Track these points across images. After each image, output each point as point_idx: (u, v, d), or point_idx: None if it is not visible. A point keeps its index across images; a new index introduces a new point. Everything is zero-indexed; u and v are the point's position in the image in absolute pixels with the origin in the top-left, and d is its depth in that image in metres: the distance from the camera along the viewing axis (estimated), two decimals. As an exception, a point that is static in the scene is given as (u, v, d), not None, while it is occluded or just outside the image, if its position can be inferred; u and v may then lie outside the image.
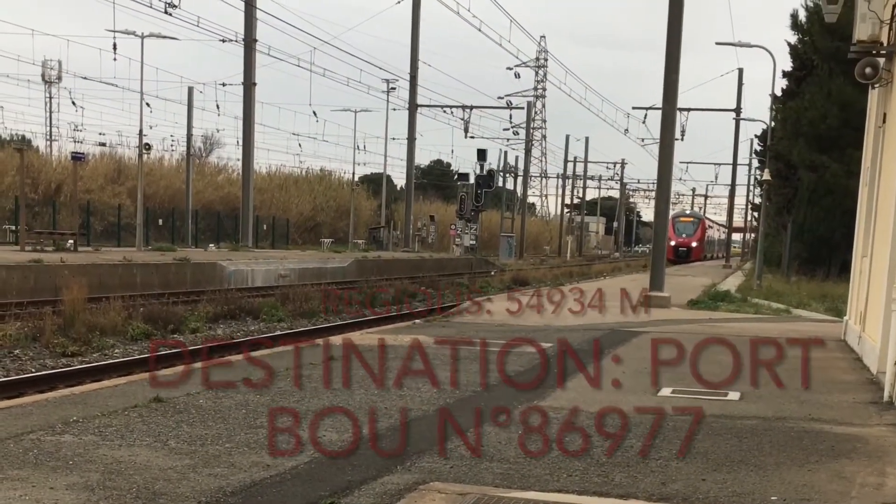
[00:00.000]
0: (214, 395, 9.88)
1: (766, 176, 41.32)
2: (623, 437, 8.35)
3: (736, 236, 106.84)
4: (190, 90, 60.80)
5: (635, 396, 10.61)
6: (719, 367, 13.32)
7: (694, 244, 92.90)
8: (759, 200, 52.08)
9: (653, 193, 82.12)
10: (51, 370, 15.84)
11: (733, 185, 76.47)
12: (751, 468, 7.37)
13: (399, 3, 59.92)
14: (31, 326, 18.90)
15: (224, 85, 56.43)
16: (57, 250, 33.83)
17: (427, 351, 14.25)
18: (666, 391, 11.02)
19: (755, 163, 79.29)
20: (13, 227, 44.55)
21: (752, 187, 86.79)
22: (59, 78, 74.48)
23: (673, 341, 16.58)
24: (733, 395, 10.83)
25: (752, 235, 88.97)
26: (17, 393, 12.90)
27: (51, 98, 78.28)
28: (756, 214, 69.98)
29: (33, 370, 15.97)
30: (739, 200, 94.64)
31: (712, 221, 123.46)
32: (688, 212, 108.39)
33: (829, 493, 6.75)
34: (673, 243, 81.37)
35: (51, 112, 78.79)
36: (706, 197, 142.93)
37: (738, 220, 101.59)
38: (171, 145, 75.71)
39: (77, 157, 42.46)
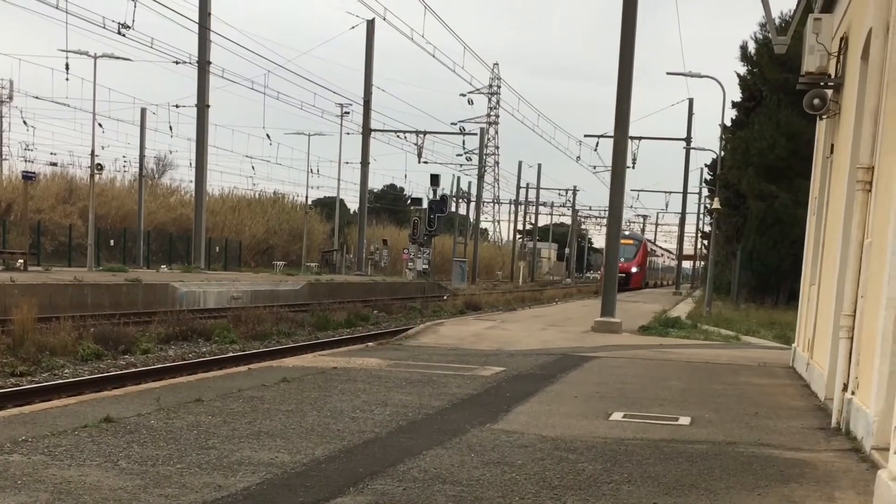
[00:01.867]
0: (165, 416, 9.82)
1: (716, 204, 41.79)
2: (575, 461, 8.39)
3: (686, 264, 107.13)
4: (143, 111, 60.56)
5: (587, 421, 10.66)
6: (670, 392, 13.44)
7: (634, 269, 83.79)
8: (709, 228, 52.60)
9: (604, 220, 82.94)
10: (-1, 390, 15.66)
11: (683, 213, 77.13)
12: (701, 492, 7.43)
13: (353, 28, 60.30)
14: (-22, 346, 18.67)
15: (177, 106, 56.33)
16: (6, 270, 33.51)
17: (380, 374, 14.25)
18: (617, 415, 11.08)
19: (705, 191, 79.99)
20: (-39, 246, 44.04)
21: (702, 215, 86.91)
22: (11, 97, 73.69)
23: (624, 367, 16.73)
24: (684, 420, 10.92)
25: (702, 263, 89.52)
26: (-35, 413, 12.72)
27: (1, 117, 77.46)
28: (706, 242, 70.62)
29: (-20, 390, 15.77)
30: (690, 228, 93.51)
31: (656, 245, 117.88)
32: (626, 233, 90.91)
33: (777, 517, 6.82)
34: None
35: (1, 131, 77.95)
36: (657, 225, 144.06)
37: (688, 248, 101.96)
38: (124, 166, 75.21)
39: (28, 177, 42.10)
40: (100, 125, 48.62)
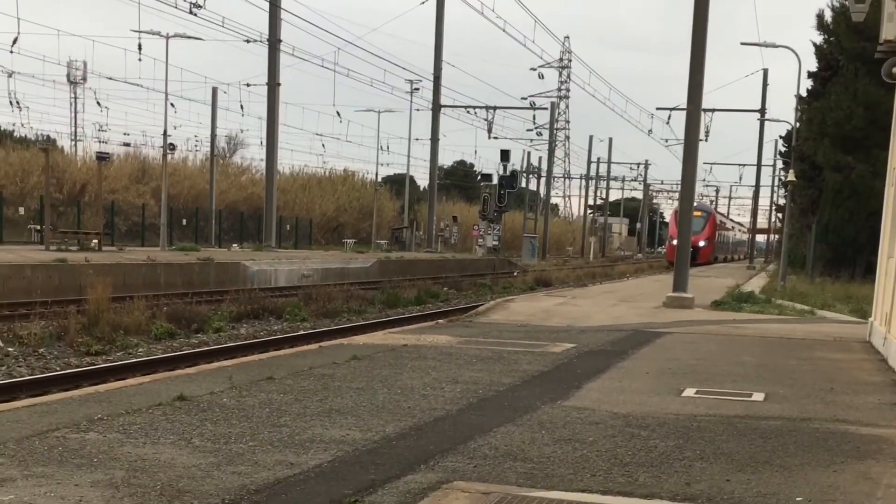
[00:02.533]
0: (238, 394, 9.90)
1: (791, 177, 41.13)
2: (647, 438, 8.32)
3: (760, 237, 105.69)
4: (214, 90, 61.07)
5: (659, 397, 10.57)
6: (743, 367, 13.28)
7: (701, 243, 74.74)
8: (784, 201, 51.89)
9: (676, 194, 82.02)
10: (75, 369, 15.90)
11: (757, 187, 76.33)
12: (775, 469, 7.33)
13: (423, 3, 59.93)
14: (55, 325, 18.98)
15: (248, 85, 56.56)
16: (81, 250, 34.01)
17: (450, 351, 14.25)
18: (690, 392, 10.97)
19: (780, 164, 79.03)
20: (38, 227, 44.79)
21: (776, 188, 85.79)
22: (85, 78, 74.90)
23: (696, 342, 16.57)
24: (758, 396, 10.78)
25: (776, 236, 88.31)
26: (42, 391, 12.94)
27: (76, 98, 78.77)
28: (780, 215, 69.68)
29: (58, 369, 16.04)
30: (764, 202, 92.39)
31: (726, 218, 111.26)
32: (695, 204, 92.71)
33: (854, 495, 6.70)
34: (675, 242, 72.66)
35: (76, 112, 79.28)
36: (730, 198, 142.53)
37: (762, 222, 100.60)
38: (196, 145, 76.04)
39: (102, 158, 42.66)
40: (172, 105, 49.17)
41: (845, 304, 28.60)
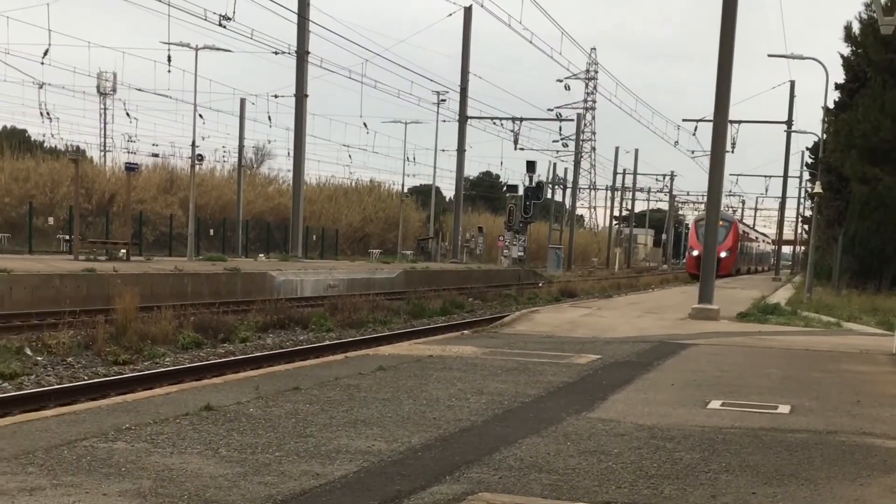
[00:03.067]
0: (264, 404, 9.96)
1: (818, 188, 40.98)
2: (672, 450, 8.31)
3: (786, 249, 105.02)
4: (242, 102, 61.34)
5: (684, 409, 10.56)
6: (769, 380, 13.25)
7: (723, 254, 69.62)
8: (810, 213, 51.66)
9: (702, 205, 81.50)
10: (103, 378, 16.03)
11: (784, 198, 75.89)
12: (801, 482, 7.32)
13: (451, 15, 60.18)
14: (83, 335, 19.11)
15: (276, 97, 56.80)
16: (110, 259, 34.23)
17: (476, 362, 14.28)
18: (715, 404, 10.96)
19: (806, 175, 78.66)
20: (67, 237, 45.10)
21: (802, 200, 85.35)
22: (114, 90, 75.36)
23: (722, 354, 16.54)
24: (783, 409, 10.76)
25: (802, 248, 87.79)
26: (71, 400, 13.05)
27: (105, 109, 79.27)
28: (806, 227, 69.37)
29: (86, 378, 16.17)
30: (790, 213, 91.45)
31: (750, 228, 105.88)
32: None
33: (881, 508, 6.68)
34: (696, 253, 68.27)
35: (105, 123, 79.79)
36: (756, 209, 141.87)
37: (788, 233, 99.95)
38: (223, 156, 76.36)
39: (130, 168, 42.90)
40: (200, 116, 49.31)
41: (872, 316, 28.46)
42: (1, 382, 15.22)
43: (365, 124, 64.65)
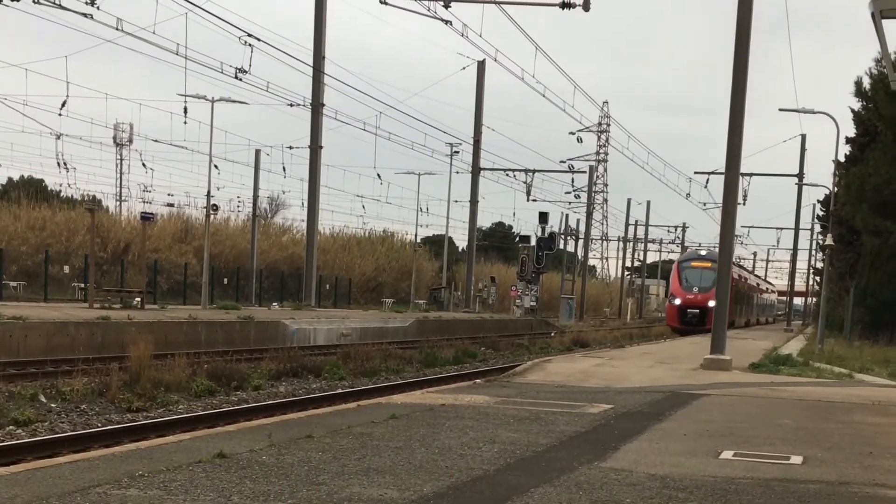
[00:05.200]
0: (277, 452, 10.00)
1: (829, 241, 40.98)
2: (684, 500, 8.33)
3: (797, 300, 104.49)
4: (257, 153, 61.75)
5: (697, 459, 10.57)
6: (781, 430, 13.24)
7: (710, 304, 50.01)
8: (822, 265, 51.61)
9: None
10: (116, 425, 16.08)
11: (795, 250, 75.89)
12: (813, 532, 7.33)
13: (464, 69, 60.66)
14: (97, 382, 19.20)
15: (291, 148, 57.12)
16: (124, 308, 34.35)
17: (488, 411, 14.29)
18: (728, 454, 10.96)
19: (817, 227, 78.63)
20: (82, 285, 45.29)
21: (814, 252, 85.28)
22: (131, 140, 75.85)
23: (734, 405, 16.52)
24: (796, 459, 10.75)
25: (814, 300, 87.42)
26: (84, 447, 13.10)
27: (122, 160, 79.77)
28: (818, 279, 69.23)
29: (99, 425, 16.22)
30: (801, 265, 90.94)
31: (750, 272, 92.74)
32: (703, 253, 67.11)
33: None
34: (678, 302, 63.05)
35: (121, 173, 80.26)
36: (767, 261, 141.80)
37: (799, 284, 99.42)
38: (238, 206, 76.73)
39: (146, 218, 43.17)
40: (216, 167, 49.67)
41: (884, 367, 28.35)
42: (15, 429, 15.31)
43: (379, 175, 65.03)
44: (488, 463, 9.85)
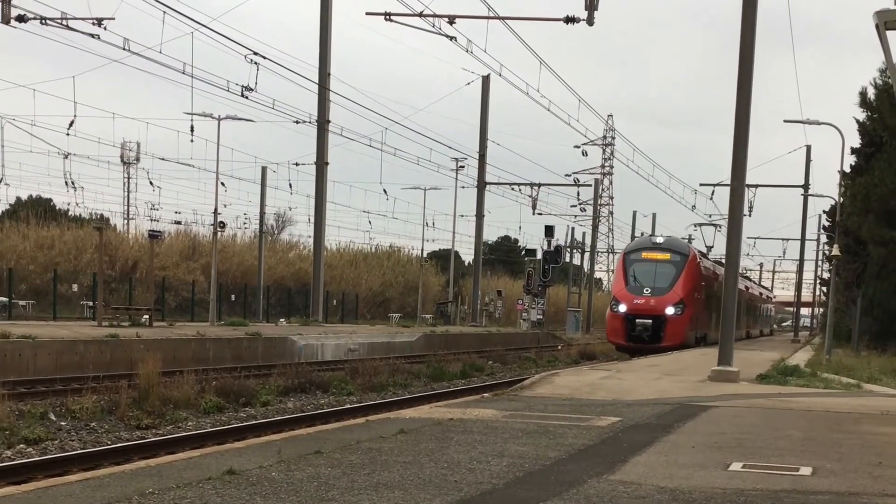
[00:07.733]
0: (286, 468, 10.03)
1: (836, 251, 40.96)
2: (692, 511, 8.35)
3: (804, 311, 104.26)
4: (263, 170, 61.97)
5: (705, 471, 10.58)
6: (790, 441, 13.23)
7: (669, 311, 45.02)
8: (828, 275, 51.56)
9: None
10: (126, 442, 16.13)
11: (801, 260, 75.93)
12: (822, 543, 7.35)
13: (469, 84, 60.77)
14: (106, 400, 19.27)
15: (297, 164, 57.17)
16: (132, 325, 34.44)
17: (496, 424, 14.31)
18: (736, 466, 10.97)
19: (823, 238, 78.58)
20: (91, 303, 45.42)
21: (820, 262, 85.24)
22: (138, 159, 75.90)
23: (742, 416, 16.51)
24: (805, 470, 10.76)
25: (821, 310, 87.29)
26: (94, 465, 13.16)
27: (129, 178, 79.81)
28: (825, 289, 69.11)
29: (109, 442, 16.27)
30: (807, 275, 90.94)
31: (715, 262, 56.88)
32: (659, 240, 50.54)
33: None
34: (622, 309, 45.96)
35: (129, 192, 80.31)
36: (773, 272, 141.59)
37: (806, 295, 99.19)
38: (245, 223, 76.76)
39: (154, 236, 43.28)
40: (222, 184, 49.81)
41: (892, 377, 28.30)
42: (25, 447, 15.36)
43: (385, 190, 65.03)
44: (497, 477, 9.87)
